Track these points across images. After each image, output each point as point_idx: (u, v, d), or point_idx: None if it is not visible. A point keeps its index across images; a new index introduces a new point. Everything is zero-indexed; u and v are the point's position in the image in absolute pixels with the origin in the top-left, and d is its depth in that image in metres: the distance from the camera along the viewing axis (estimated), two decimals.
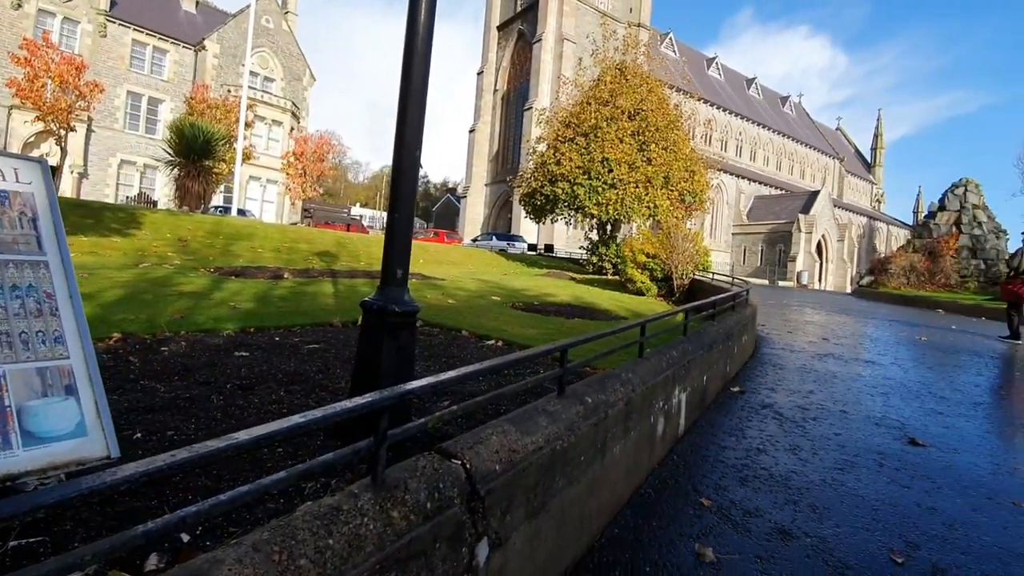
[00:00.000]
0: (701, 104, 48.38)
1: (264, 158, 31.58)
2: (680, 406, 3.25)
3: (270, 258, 8.67)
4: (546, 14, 39.17)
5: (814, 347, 6.68)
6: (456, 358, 3.46)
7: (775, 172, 59.38)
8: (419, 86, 2.20)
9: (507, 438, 1.67)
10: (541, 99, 37.36)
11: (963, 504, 2.56)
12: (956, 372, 5.81)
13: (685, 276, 10.26)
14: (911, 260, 24.30)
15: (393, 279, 2.19)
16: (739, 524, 2.27)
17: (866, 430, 3.55)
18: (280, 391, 2.64)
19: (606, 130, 14.08)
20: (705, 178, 15.87)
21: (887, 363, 5.93)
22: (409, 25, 2.21)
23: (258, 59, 34.42)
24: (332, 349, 3.44)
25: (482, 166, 46.71)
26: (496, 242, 28.94)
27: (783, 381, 4.77)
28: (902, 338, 8.34)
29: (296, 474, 1.09)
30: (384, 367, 2.09)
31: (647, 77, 15.91)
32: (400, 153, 2.21)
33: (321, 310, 4.70)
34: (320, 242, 11.19)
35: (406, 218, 2.21)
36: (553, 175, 14.48)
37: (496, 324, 4.77)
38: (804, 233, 43.43)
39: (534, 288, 9.06)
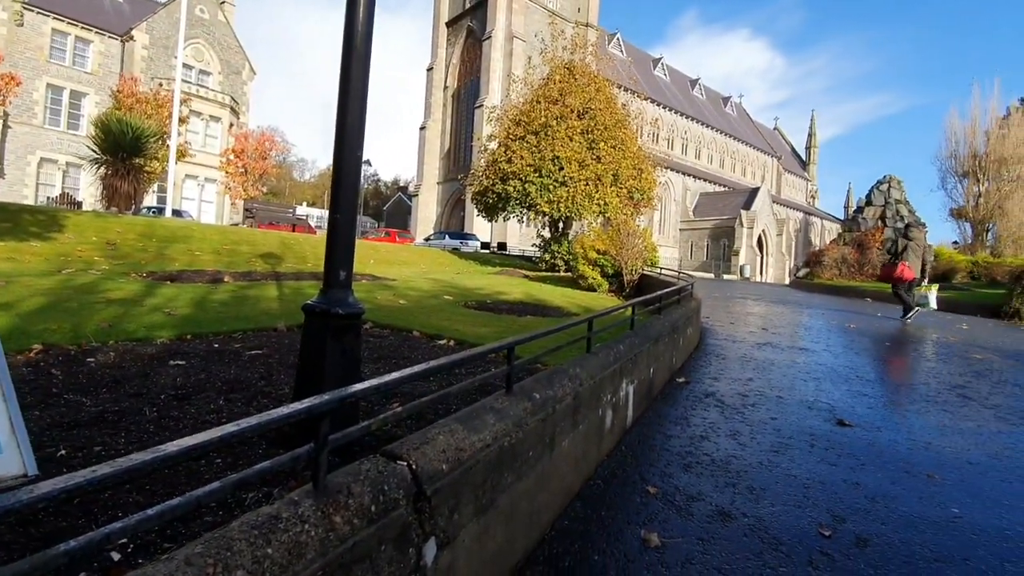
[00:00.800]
0: (648, 104, 49.69)
1: (201, 155, 30.06)
2: (628, 398, 3.35)
3: (209, 261, 8.26)
4: (495, 11, 39.17)
5: (754, 337, 7.01)
6: (407, 359, 3.43)
7: (719, 170, 61.77)
8: (359, 84, 2.17)
9: (454, 437, 1.68)
10: (492, 97, 37.37)
11: (883, 478, 2.76)
12: (879, 356, 6.25)
13: (634, 272, 10.54)
14: (842, 252, 25.86)
15: (336, 281, 2.15)
16: (683, 509, 2.37)
17: (799, 413, 3.76)
18: (219, 400, 2.55)
19: (556, 128, 14.25)
20: (653, 176, 16.32)
21: (820, 350, 6.30)
22: (347, 21, 2.17)
23: (192, 51, 32.72)
24: (276, 355, 3.33)
25: (434, 164, 46.27)
26: (449, 241, 28.74)
27: (725, 370, 4.98)
28: (833, 326, 8.88)
29: (231, 484, 1.06)
30: (328, 371, 2.06)
31: (595, 76, 16.20)
32: (341, 153, 2.17)
33: (264, 314, 4.54)
34: (264, 244, 10.76)
35: (348, 218, 2.17)
36: (505, 173, 14.53)
37: (448, 323, 4.75)
38: (746, 228, 45.45)
39: (487, 286, 9.07)
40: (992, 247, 30.96)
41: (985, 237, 32.36)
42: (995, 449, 3.27)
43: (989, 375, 5.52)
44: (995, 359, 6.47)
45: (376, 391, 1.51)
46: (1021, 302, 12.43)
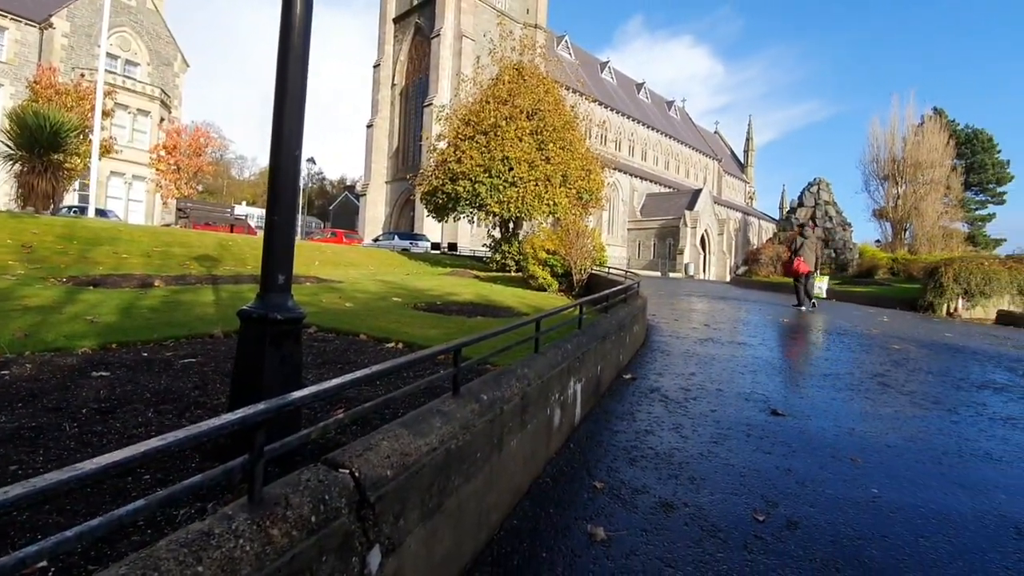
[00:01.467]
0: (596, 106, 50.69)
1: (128, 151, 28.19)
2: (576, 396, 3.41)
3: (138, 264, 7.75)
4: (444, 9, 38.87)
5: (697, 333, 7.29)
6: (353, 364, 3.36)
7: (664, 171, 63.79)
8: (297, 83, 2.10)
9: (399, 442, 1.66)
10: (441, 95, 37.06)
11: (812, 464, 2.94)
12: (810, 349, 6.64)
13: (583, 271, 10.73)
14: (777, 251, 27.28)
15: (274, 285, 2.08)
16: (628, 502, 2.44)
17: (737, 405, 3.95)
18: (148, 413, 2.41)
19: (505, 129, 14.30)
20: (601, 176, 16.65)
21: (756, 344, 6.63)
22: (284, 17, 2.10)
23: (118, 40, 30.66)
24: (211, 362, 3.18)
25: (382, 163, 45.40)
26: (398, 241, 28.29)
27: (670, 366, 5.16)
28: (769, 321, 9.36)
29: (156, 502, 1.01)
30: (267, 380, 1.98)
31: (544, 78, 16.36)
32: (278, 153, 2.10)
33: (199, 320, 4.32)
34: (199, 245, 10.19)
35: (287, 220, 2.10)
36: (454, 173, 14.44)
37: (396, 326, 4.68)
38: (690, 228, 47.20)
39: (437, 288, 8.99)
40: (910, 245, 33.51)
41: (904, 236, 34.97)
42: (910, 432, 3.54)
43: (906, 364, 5.98)
44: (911, 349, 7.02)
45: (316, 398, 1.47)
46: (934, 295, 13.53)
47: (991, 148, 47.26)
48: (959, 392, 4.71)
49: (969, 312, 13.13)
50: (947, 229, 34.83)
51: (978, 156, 46.52)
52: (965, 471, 2.93)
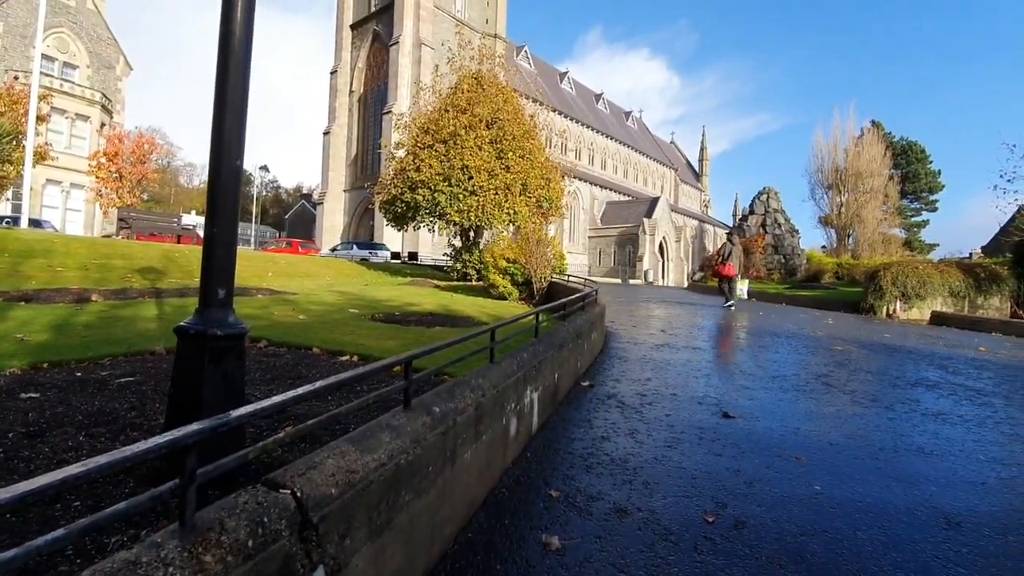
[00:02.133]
0: (556, 115, 51.41)
1: (66, 158, 26.68)
2: (533, 405, 3.42)
3: (74, 278, 7.32)
4: (402, 17, 38.70)
5: (654, 339, 7.45)
6: (303, 378, 3.27)
7: (623, 180, 65.14)
8: (238, 91, 2.04)
9: (345, 459, 1.62)
10: (400, 103, 36.79)
11: (760, 464, 3.03)
12: (760, 352, 6.87)
13: (544, 279, 10.81)
14: None
15: (214, 300, 2.00)
16: (583, 509, 2.45)
17: (691, 409, 4.05)
18: (80, 436, 2.28)
19: (465, 138, 14.30)
20: (560, 185, 16.85)
21: (709, 348, 6.83)
22: (223, 22, 2.04)
23: (55, 41, 29.11)
24: (151, 381, 3.03)
25: (340, 171, 44.61)
26: (357, 251, 27.78)
27: (627, 372, 5.24)
28: (722, 326, 9.66)
29: (78, 530, 0.96)
30: (207, 399, 1.91)
31: (503, 87, 16.46)
32: (218, 163, 2.04)
33: (139, 336, 4.11)
34: (142, 257, 9.71)
35: (227, 231, 2.03)
36: (413, 182, 14.33)
37: (352, 338, 4.58)
38: (648, 235, 48.31)
39: (397, 298, 8.88)
40: (853, 250, 35.30)
41: (847, 242, 36.81)
42: (850, 430, 3.71)
43: (848, 364, 6.27)
44: (853, 350, 7.37)
45: (255, 416, 1.43)
46: (874, 298, 14.27)
47: (924, 159, 50.51)
48: (895, 390, 4.97)
49: (906, 313, 13.91)
50: (886, 235, 36.88)
51: (912, 166, 49.62)
52: (899, 465, 3.09)
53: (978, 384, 5.43)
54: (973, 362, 6.82)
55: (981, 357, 7.29)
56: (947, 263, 16.11)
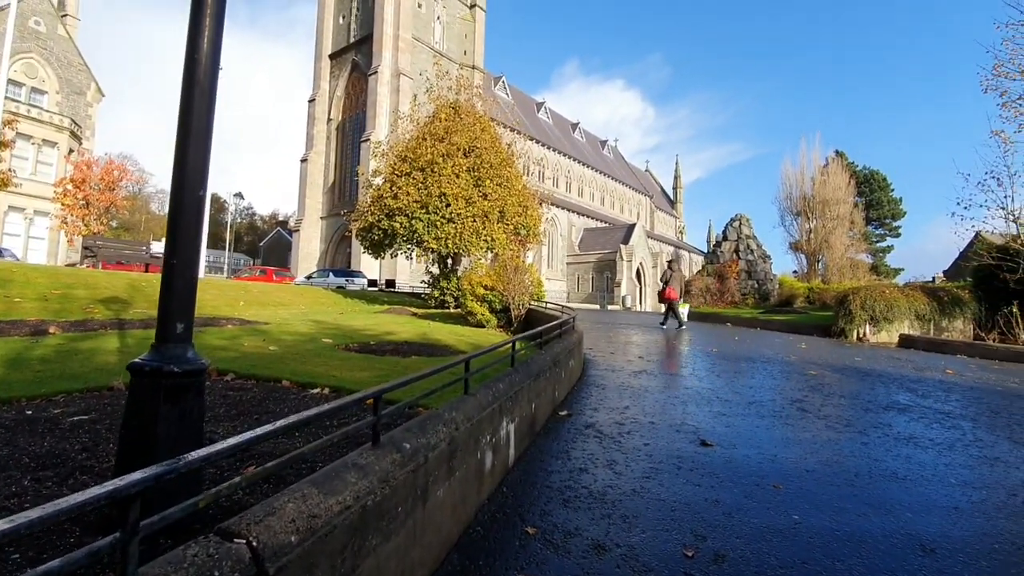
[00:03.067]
0: (533, 144, 52.28)
1: (30, 185, 25.95)
2: (509, 437, 3.34)
3: (32, 309, 7.00)
4: (381, 48, 39.27)
5: (631, 365, 7.44)
6: (270, 413, 3.14)
7: (600, 207, 66.23)
8: (202, 120, 2.00)
9: (306, 503, 1.54)
10: (378, 131, 37.00)
11: (739, 493, 3.00)
12: (736, 378, 6.92)
13: (521, 306, 10.79)
14: (706, 283, 28.76)
15: (171, 334, 1.92)
16: (560, 547, 2.37)
17: (669, 437, 4.01)
18: (25, 480, 2.13)
19: (442, 166, 14.39)
20: (538, 212, 17.00)
21: (687, 375, 6.85)
22: (189, 51, 2.01)
23: (23, 66, 28.63)
24: (105, 420, 2.88)
25: (316, 198, 44.38)
26: (333, 278, 27.41)
27: (605, 400, 5.20)
28: (698, 351, 9.73)
29: None
30: (161, 440, 1.80)
31: (480, 117, 16.70)
32: (180, 191, 1.98)
33: (98, 371, 3.92)
34: (107, 287, 9.37)
35: (187, 263, 1.96)
36: (391, 209, 14.30)
37: (324, 370, 4.46)
38: (626, 261, 48.93)
39: (373, 327, 8.73)
40: (823, 275, 36.27)
41: (817, 267, 37.85)
42: (826, 456, 3.71)
43: (821, 388, 6.35)
44: (826, 374, 7.48)
45: (209, 460, 1.34)
46: (845, 322, 14.59)
47: (886, 187, 52.70)
48: (868, 414, 5.03)
49: (876, 337, 14.25)
50: (854, 260, 38.06)
51: (876, 194, 51.68)
52: (875, 492, 3.09)
53: (947, 407, 5.54)
54: (941, 385, 6.97)
55: (948, 380, 7.46)
56: (912, 287, 16.63)
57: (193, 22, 2.00)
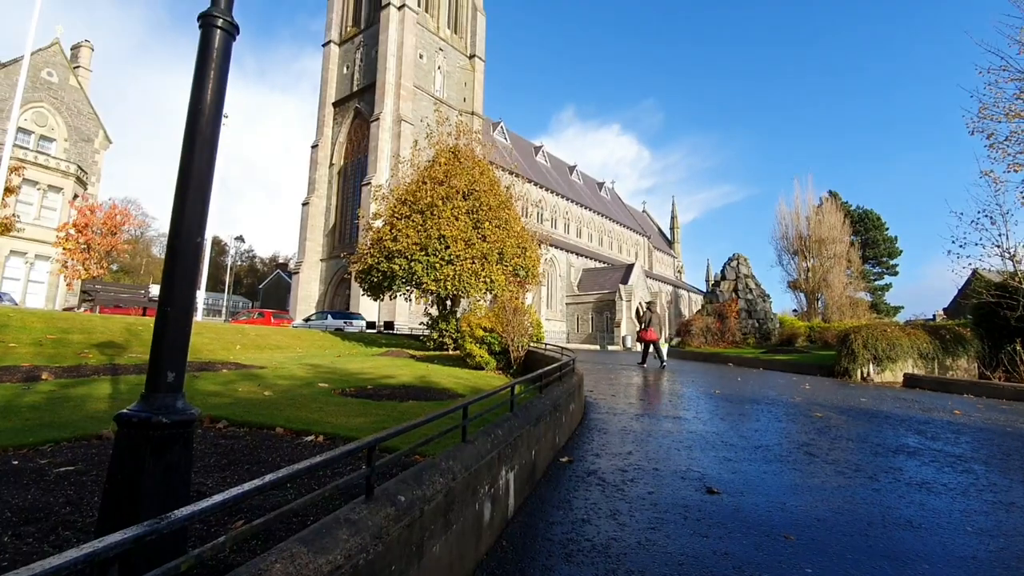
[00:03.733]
0: (532, 186, 53.29)
1: (33, 230, 26.21)
2: (508, 486, 3.23)
3: (26, 355, 6.93)
4: (384, 96, 40.51)
5: (633, 408, 7.31)
6: (263, 463, 3.04)
7: (598, 247, 66.83)
8: (202, 168, 2.02)
9: (295, 563, 1.46)
10: (379, 175, 37.73)
11: (748, 544, 2.87)
12: (741, 420, 6.79)
13: (521, 348, 10.70)
14: (706, 322, 28.67)
15: (162, 384, 1.87)
16: None
17: (674, 485, 3.89)
18: (4, 536, 2.05)
19: (442, 208, 14.58)
20: (537, 253, 17.11)
21: (690, 418, 6.71)
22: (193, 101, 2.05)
23: (34, 115, 29.43)
24: (92, 471, 2.79)
25: (317, 240, 44.80)
26: (332, 321, 27.30)
27: (607, 445, 5.08)
28: (701, 392, 9.58)
29: None
30: (147, 496, 1.73)
31: (479, 160, 17.05)
32: (177, 238, 1.97)
33: (88, 419, 3.84)
34: (103, 331, 9.31)
35: (182, 311, 1.94)
36: (390, 251, 14.40)
37: (319, 416, 4.36)
38: (625, 301, 48.93)
39: (370, 370, 8.63)
40: (823, 313, 36.25)
41: (817, 305, 37.89)
42: (838, 504, 3.59)
43: (828, 431, 6.21)
44: (832, 416, 7.34)
45: (193, 518, 1.28)
46: (848, 361, 14.46)
47: (880, 226, 53.38)
48: (877, 458, 4.90)
49: (880, 376, 14.08)
50: (853, 299, 38.13)
51: (871, 233, 52.30)
52: (890, 542, 2.97)
53: (957, 449, 5.40)
54: (950, 426, 6.83)
55: (957, 421, 7.32)
56: (914, 326, 16.58)
57: (198, 75, 2.06)
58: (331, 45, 47.52)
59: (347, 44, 46.93)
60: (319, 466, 1.70)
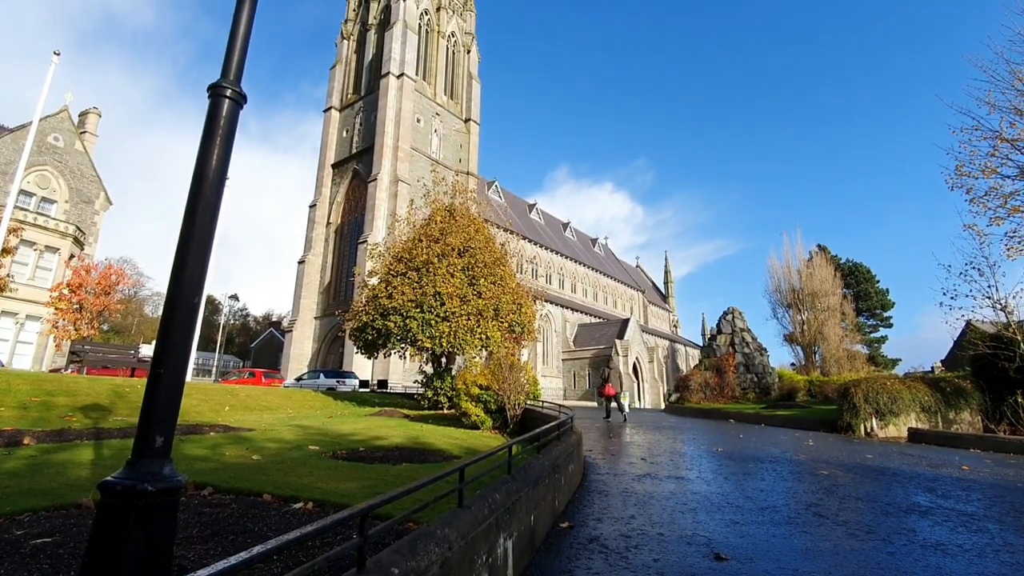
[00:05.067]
0: (527, 243, 54.08)
1: (26, 290, 26.09)
2: (507, 555, 3.08)
3: (10, 418, 6.70)
4: (381, 157, 41.76)
5: (634, 469, 7.10)
6: (249, 534, 2.90)
7: (593, 302, 67.08)
8: (204, 231, 2.05)
9: None
10: (376, 234, 38.27)
11: None
12: (746, 480, 6.58)
13: (518, 406, 10.49)
14: (704, 377, 28.39)
15: (150, 449, 1.81)
16: None
17: (680, 551, 3.71)
18: None
19: (437, 265, 14.70)
20: (532, 309, 17.12)
21: (694, 478, 6.51)
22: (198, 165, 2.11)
23: (37, 178, 30.01)
24: (70, 543, 2.64)
25: (312, 298, 44.81)
26: (324, 380, 26.82)
27: (608, 509, 4.88)
28: (703, 451, 9.35)
29: None
30: (126, 569, 1.63)
31: (475, 218, 17.36)
32: (175, 299, 1.97)
33: (68, 486, 3.67)
34: (89, 393, 9.08)
35: (174, 372, 1.90)
36: (385, 309, 14.38)
37: (309, 481, 4.20)
38: (622, 356, 48.56)
39: (363, 431, 8.40)
40: (821, 367, 36.01)
41: (814, 358, 37.68)
42: (852, 569, 3.42)
43: (836, 490, 6.02)
44: (839, 474, 7.14)
45: None
46: (850, 416, 14.24)
47: (871, 278, 54.06)
48: (889, 519, 4.72)
49: (884, 431, 13.82)
50: (850, 351, 38.01)
51: (862, 286, 52.87)
52: None
53: (969, 508, 5.23)
54: (960, 483, 6.64)
55: (966, 477, 7.13)
56: (913, 378, 16.47)
57: (204, 141, 2.12)
58: (332, 111, 49.50)
59: (347, 110, 48.89)
60: (309, 536, 1.62)
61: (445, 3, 50.33)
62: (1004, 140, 11.23)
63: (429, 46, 48.39)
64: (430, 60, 48.12)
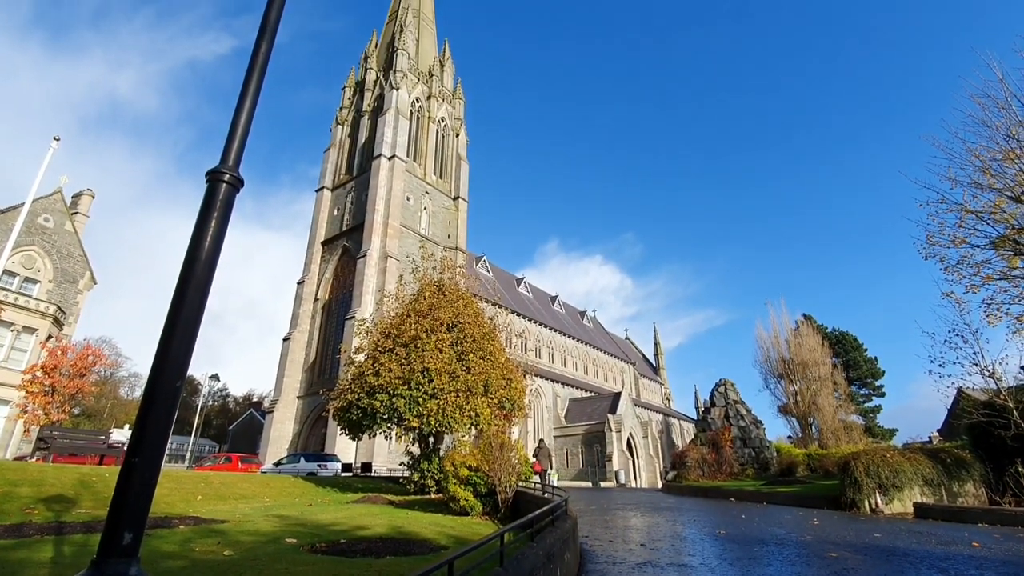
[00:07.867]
0: (515, 317, 54.18)
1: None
2: None
3: None
4: (371, 234, 42.49)
5: (633, 556, 6.69)
6: None
7: (583, 376, 66.30)
8: (192, 312, 2.02)
9: None
10: (363, 309, 38.17)
11: None
12: (752, 566, 6.21)
13: (508, 489, 10.02)
14: (701, 453, 27.56)
15: (117, 547, 1.67)
16: None
17: None
18: None
19: (426, 341, 14.54)
20: (522, 384, 16.81)
21: (697, 564, 6.13)
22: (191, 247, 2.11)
23: (22, 258, 29.90)
24: None
25: (295, 377, 43.71)
26: (304, 464, 25.53)
27: None
28: (705, 534, 8.89)
29: None
30: None
31: (463, 293, 17.45)
32: (156, 382, 1.90)
33: None
34: (54, 483, 8.49)
35: (149, 462, 1.80)
36: (371, 387, 14.03)
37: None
38: (615, 432, 47.26)
39: (344, 520, 7.90)
40: (818, 439, 35.24)
41: (811, 430, 36.95)
42: None
43: (847, 575, 5.69)
44: (848, 556, 6.78)
45: None
46: (853, 492, 13.77)
47: (859, 347, 54.37)
48: None
49: (889, 507, 13.34)
50: (846, 422, 37.41)
51: (850, 354, 53.03)
52: None
53: None
54: (972, 561, 6.34)
55: (977, 555, 6.81)
56: (912, 450, 16.17)
57: (199, 223, 2.14)
58: (324, 190, 50.99)
59: (339, 189, 50.41)
60: None
61: (436, 92, 53.61)
62: (969, 212, 11.77)
63: (420, 130, 50.95)
64: (420, 142, 50.48)
